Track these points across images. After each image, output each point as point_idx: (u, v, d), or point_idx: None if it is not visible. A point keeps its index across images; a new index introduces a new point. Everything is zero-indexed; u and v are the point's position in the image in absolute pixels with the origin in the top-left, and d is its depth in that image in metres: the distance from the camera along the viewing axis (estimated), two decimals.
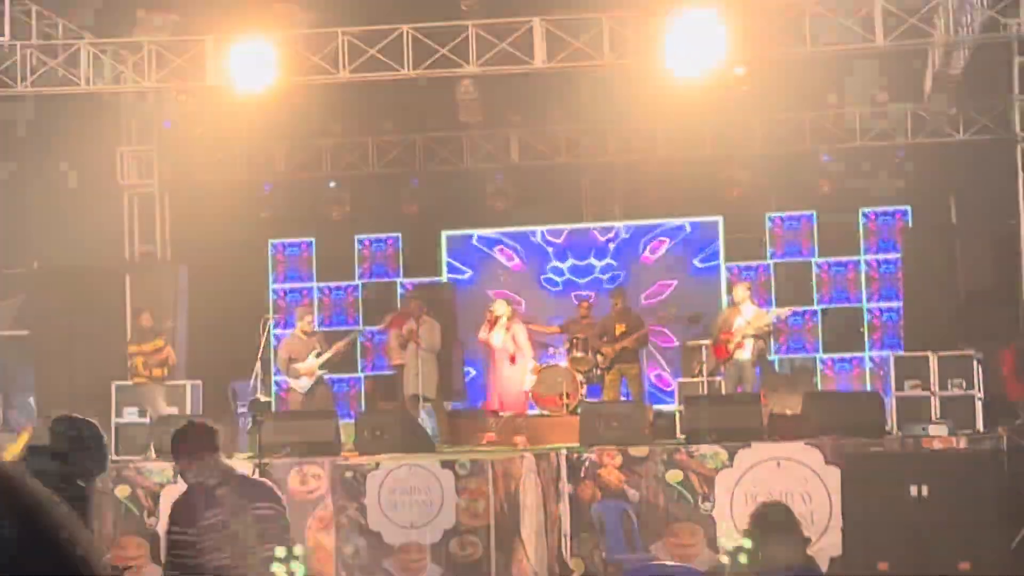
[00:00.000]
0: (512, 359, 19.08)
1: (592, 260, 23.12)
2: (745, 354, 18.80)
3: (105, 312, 20.96)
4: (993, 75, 20.66)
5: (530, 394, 19.14)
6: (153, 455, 17.43)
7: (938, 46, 19.24)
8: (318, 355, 18.98)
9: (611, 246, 23.13)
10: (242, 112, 22.22)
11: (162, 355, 19.33)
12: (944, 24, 18.38)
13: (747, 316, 18.81)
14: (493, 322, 19.10)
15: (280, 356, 19.64)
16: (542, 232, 23.27)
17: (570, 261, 23.22)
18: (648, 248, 23.03)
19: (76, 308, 21.45)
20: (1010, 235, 20.20)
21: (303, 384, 18.96)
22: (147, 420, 18.55)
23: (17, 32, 18.62)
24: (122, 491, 16.45)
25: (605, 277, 22.85)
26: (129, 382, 19.13)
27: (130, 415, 18.82)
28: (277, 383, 20.71)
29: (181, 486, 7.65)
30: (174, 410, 18.62)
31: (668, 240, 23.00)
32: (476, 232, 23.48)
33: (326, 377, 19.43)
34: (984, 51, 19.89)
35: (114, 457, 17.98)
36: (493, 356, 19.26)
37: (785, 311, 19.82)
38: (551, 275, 23.23)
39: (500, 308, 19.38)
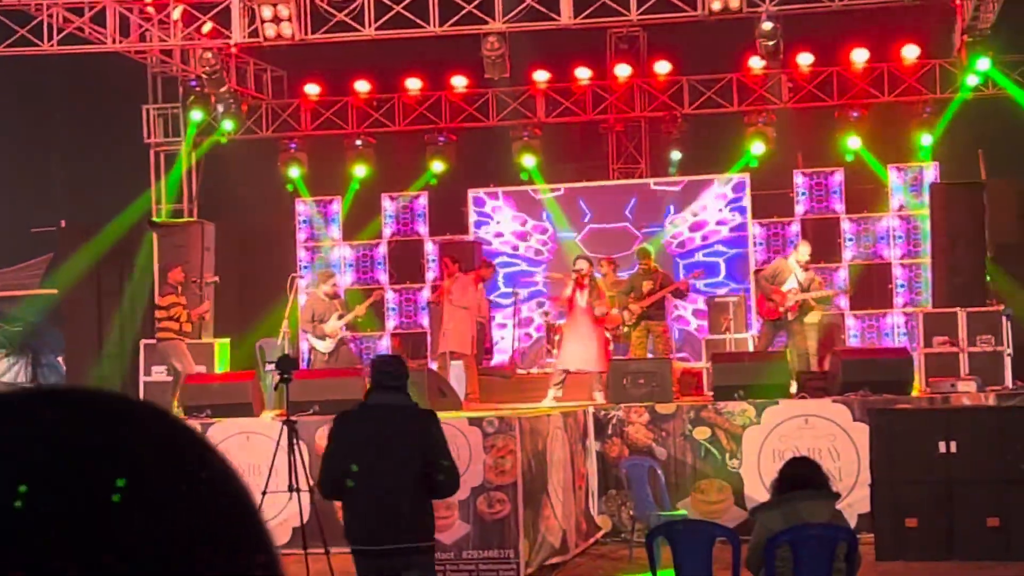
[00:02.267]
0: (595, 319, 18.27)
1: (615, 221, 23.04)
2: (791, 315, 18.43)
3: (132, 271, 21.03)
4: (1023, 29, 20.53)
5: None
6: (179, 410, 17.48)
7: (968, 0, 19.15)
8: (340, 317, 19.01)
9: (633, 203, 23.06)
10: (268, 70, 22.27)
11: (200, 310, 19.41)
12: None
13: (800, 279, 18.43)
14: (580, 282, 18.18)
15: (303, 316, 19.67)
16: (567, 189, 23.18)
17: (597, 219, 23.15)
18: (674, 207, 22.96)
19: (104, 267, 21.51)
20: None
21: (326, 345, 18.99)
22: (170, 378, 18.62)
23: None
24: None
25: (637, 234, 22.74)
26: (155, 341, 19.16)
27: (158, 373, 18.90)
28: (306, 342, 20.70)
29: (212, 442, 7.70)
30: (202, 367, 18.69)
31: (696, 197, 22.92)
32: (502, 189, 23.41)
33: (348, 338, 19.45)
34: (1014, 5, 19.78)
35: None
36: (575, 315, 18.35)
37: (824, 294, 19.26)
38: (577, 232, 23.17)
39: (583, 265, 18.54)
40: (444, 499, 9.37)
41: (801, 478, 8.85)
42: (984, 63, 20.23)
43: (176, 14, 19.39)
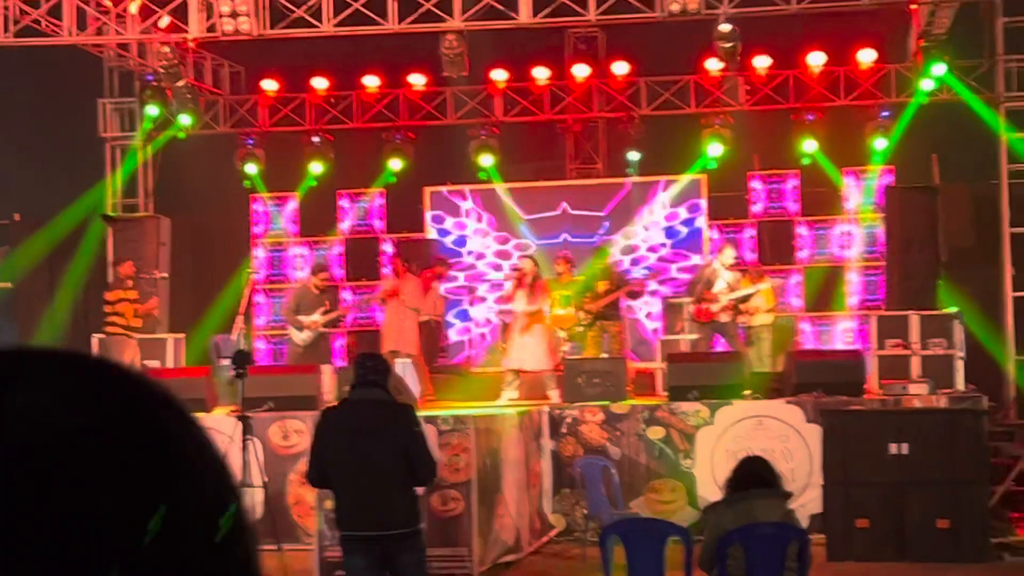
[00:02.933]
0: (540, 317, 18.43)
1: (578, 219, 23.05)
2: (726, 316, 18.78)
3: (87, 265, 20.94)
4: (977, 35, 20.67)
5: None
6: None
7: (923, 4, 19.26)
8: (325, 312, 19.09)
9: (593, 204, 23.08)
10: (225, 65, 22.20)
11: (148, 305, 19.30)
12: None
13: (728, 280, 18.74)
14: (521, 281, 18.36)
15: (288, 304, 19.72)
16: (524, 188, 23.18)
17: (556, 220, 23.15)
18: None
19: (58, 261, 21.41)
20: (991, 195, 20.25)
21: (304, 337, 19.01)
22: None
23: None
24: None
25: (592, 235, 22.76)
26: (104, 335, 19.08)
27: None
28: (289, 334, 20.55)
29: None
30: (156, 363, 18.62)
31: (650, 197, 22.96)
32: (460, 188, 23.39)
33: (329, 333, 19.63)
34: (968, 11, 19.92)
35: None
36: (518, 315, 18.49)
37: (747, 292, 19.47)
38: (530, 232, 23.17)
39: (525, 264, 18.75)
40: (424, 487, 9.87)
41: (754, 478, 8.88)
42: (939, 68, 20.36)
43: (133, 8, 19.30)
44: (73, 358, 1.05)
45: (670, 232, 22.72)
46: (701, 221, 22.57)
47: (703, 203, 22.60)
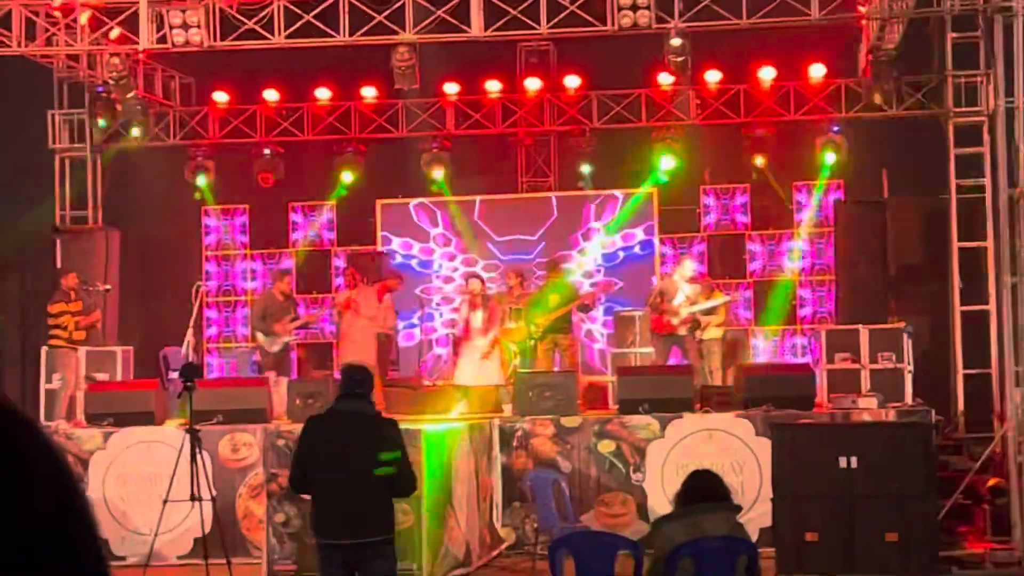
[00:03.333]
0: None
1: (526, 232, 23.05)
2: (684, 329, 18.80)
3: (36, 277, 20.82)
4: (927, 51, 20.79)
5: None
6: (83, 420, 17.32)
7: (873, 19, 19.36)
8: (293, 320, 19.13)
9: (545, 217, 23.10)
10: (176, 77, 22.10)
11: (90, 318, 19.16)
12: None
13: (687, 292, 18.76)
14: (473, 302, 18.47)
15: (254, 313, 19.72)
16: (478, 201, 23.18)
17: (505, 233, 23.16)
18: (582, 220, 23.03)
19: (6, 273, 21.28)
20: (941, 210, 20.35)
21: (276, 348, 19.03)
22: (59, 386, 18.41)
23: None
24: None
25: (539, 249, 22.76)
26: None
27: (59, 380, 18.68)
28: (259, 344, 20.44)
29: (112, 452, 7.90)
30: (104, 375, 18.51)
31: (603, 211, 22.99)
32: (412, 201, 23.38)
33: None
34: (918, 26, 20.02)
35: (43, 423, 17.87)
36: (470, 335, 18.61)
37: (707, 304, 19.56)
38: (488, 247, 23.16)
39: (475, 285, 18.87)
40: (402, 498, 10.12)
41: (703, 491, 8.89)
42: (888, 84, 20.47)
43: (83, 19, 19.19)
44: None
45: (621, 246, 22.75)
46: (652, 235, 22.61)
47: (654, 217, 22.65)
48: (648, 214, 22.73)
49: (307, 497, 10.56)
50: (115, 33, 19.25)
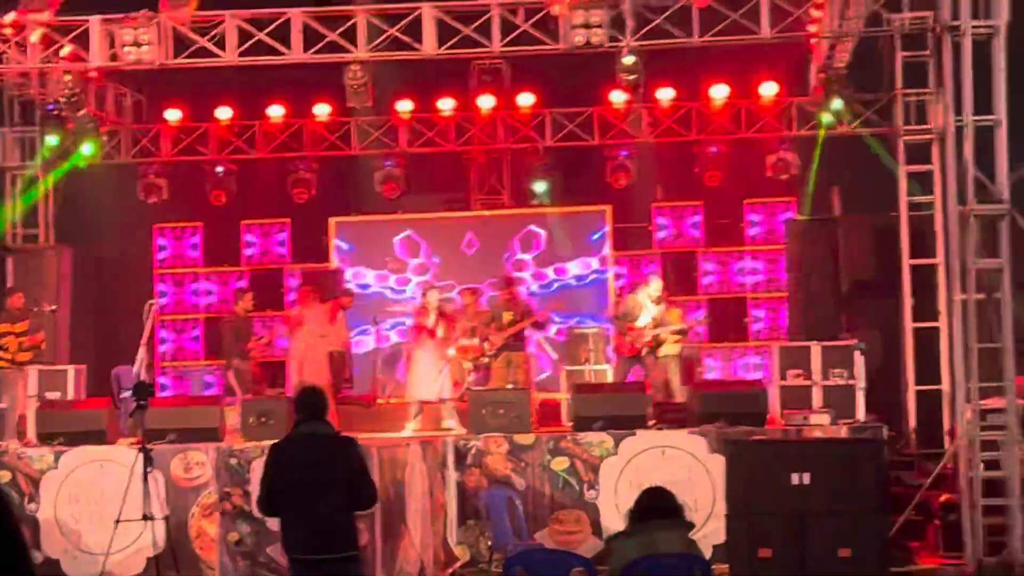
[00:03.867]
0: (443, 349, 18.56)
1: (479, 250, 23.08)
2: (646, 350, 18.78)
3: None
4: (877, 70, 20.92)
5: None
6: (35, 441, 17.21)
7: (823, 39, 19.47)
8: (260, 339, 19.19)
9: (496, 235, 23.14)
10: (128, 94, 22.00)
11: (35, 338, 19.02)
12: (829, 18, 18.61)
13: (653, 313, 18.74)
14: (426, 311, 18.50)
15: (227, 337, 19.82)
16: (432, 220, 23.21)
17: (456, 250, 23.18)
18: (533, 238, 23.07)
19: None
20: (891, 227, 20.47)
21: (248, 366, 19.13)
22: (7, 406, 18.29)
23: None
24: (2, 476, 16.23)
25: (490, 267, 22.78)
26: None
27: (8, 400, 18.54)
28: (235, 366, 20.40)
29: (63, 471, 7.89)
30: (56, 395, 18.38)
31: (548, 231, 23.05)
32: (365, 219, 23.36)
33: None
34: (868, 45, 20.16)
35: None
36: (423, 343, 18.56)
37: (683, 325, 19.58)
38: (439, 264, 23.17)
39: (433, 297, 18.83)
40: (364, 512, 10.50)
41: (656, 508, 8.90)
42: (838, 103, 20.61)
43: (35, 37, 19.10)
44: None
45: (574, 263, 22.80)
46: (606, 251, 22.67)
47: (607, 234, 22.71)
48: (602, 230, 22.77)
49: (271, 519, 10.74)
50: (66, 50, 19.18)
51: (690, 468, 15.91)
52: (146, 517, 12.38)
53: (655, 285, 19.07)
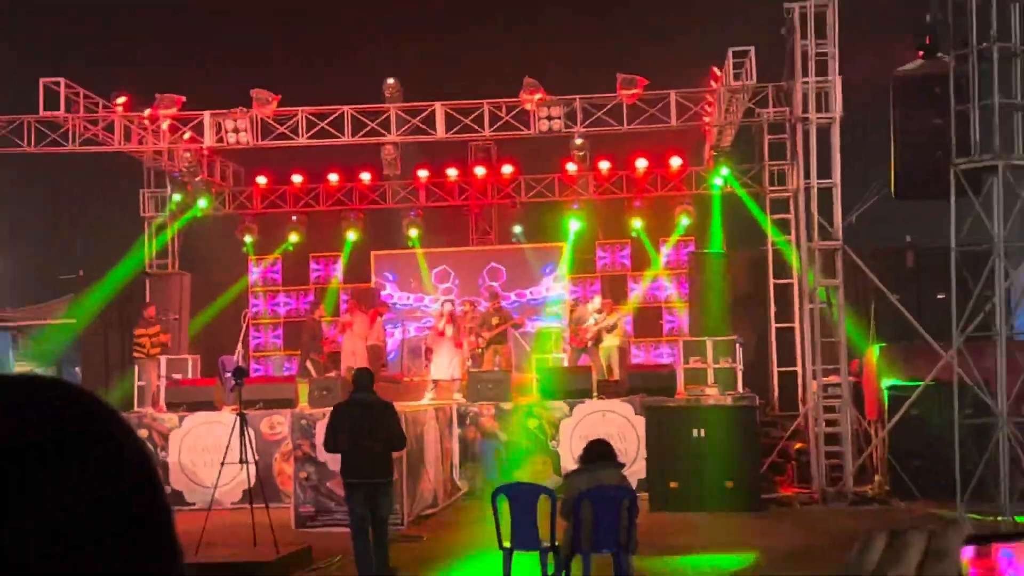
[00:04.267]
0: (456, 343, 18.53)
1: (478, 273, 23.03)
2: (591, 342, 18.78)
3: (131, 308, 20.63)
4: (751, 147, 20.99)
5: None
6: (164, 407, 17.16)
7: (714, 126, 19.54)
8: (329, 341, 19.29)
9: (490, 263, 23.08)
10: (230, 165, 21.96)
11: (162, 338, 19.00)
12: (718, 112, 18.67)
13: (596, 318, 18.76)
14: (448, 318, 18.50)
15: (305, 338, 20.18)
16: (442, 253, 23.14)
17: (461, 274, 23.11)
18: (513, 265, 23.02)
19: (109, 304, 21.09)
20: (761, 258, 20.53)
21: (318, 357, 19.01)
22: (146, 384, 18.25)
23: (69, 109, 18.29)
24: (141, 433, 16.17)
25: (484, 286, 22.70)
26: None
27: (145, 381, 18.51)
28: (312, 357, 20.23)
29: (184, 429, 7.93)
30: (179, 376, 18.35)
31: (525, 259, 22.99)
32: (396, 252, 23.32)
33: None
34: (745, 131, 20.24)
35: (135, 408, 17.71)
36: (441, 340, 18.50)
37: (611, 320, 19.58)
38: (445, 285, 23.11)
39: (447, 307, 18.79)
40: (396, 453, 10.71)
41: (599, 453, 8.91)
42: (724, 170, 20.68)
43: (164, 125, 19.11)
44: (39, 383, 0.97)
45: (540, 286, 22.78)
46: (564, 275, 22.66)
47: (565, 263, 22.69)
48: (552, 265, 22.75)
49: (332, 458, 11.01)
50: (187, 135, 19.18)
51: (622, 426, 15.92)
52: (242, 461, 12.32)
53: (596, 301, 19.10)
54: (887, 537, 0.82)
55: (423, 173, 22.39)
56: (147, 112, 18.94)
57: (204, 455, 15.99)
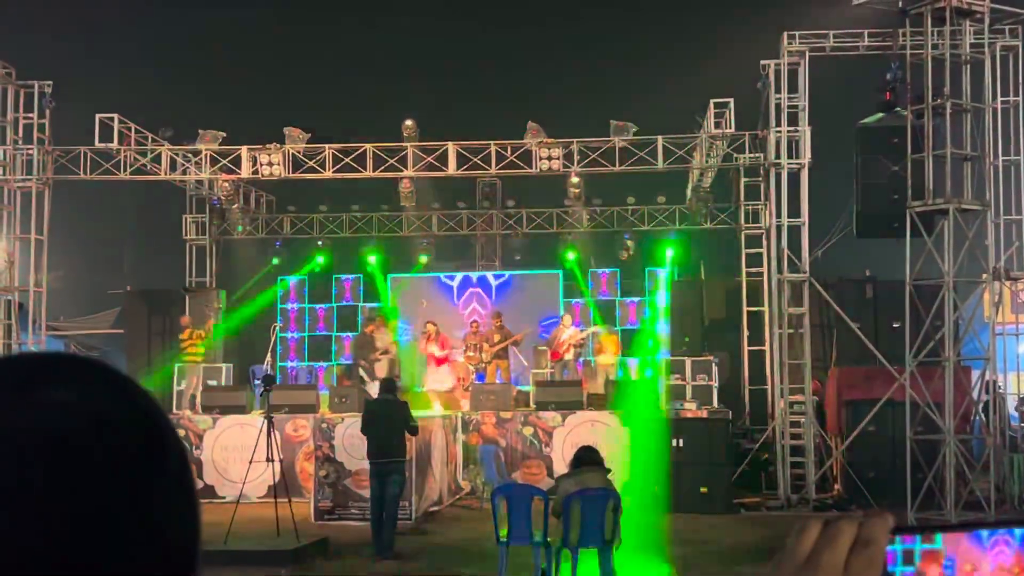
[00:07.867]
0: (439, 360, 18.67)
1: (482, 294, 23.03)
2: (569, 356, 18.82)
3: (172, 320, 20.66)
4: (728, 189, 21.06)
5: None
6: (200, 410, 17.16)
7: (695, 169, 19.61)
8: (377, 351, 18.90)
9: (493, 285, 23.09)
10: (264, 195, 22.01)
11: (198, 348, 18.96)
12: (699, 156, 18.74)
13: (570, 333, 18.85)
14: (429, 336, 18.60)
15: (354, 347, 19.66)
16: (448, 275, 23.16)
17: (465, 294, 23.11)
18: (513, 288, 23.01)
19: (153, 315, 21.13)
20: (736, 287, 20.56)
21: (369, 367, 18.62)
22: (184, 388, 18.24)
23: (121, 141, 18.41)
24: (180, 432, 16.11)
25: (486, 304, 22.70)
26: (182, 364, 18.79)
27: (184, 385, 18.52)
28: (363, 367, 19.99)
29: (218, 430, 8.11)
30: (214, 382, 18.35)
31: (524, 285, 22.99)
32: (409, 275, 23.34)
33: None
34: (723, 174, 20.31)
35: (174, 411, 17.72)
36: (434, 357, 18.66)
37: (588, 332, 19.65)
38: (456, 304, 23.11)
39: (431, 328, 18.96)
40: (412, 436, 11.80)
41: (587, 459, 8.94)
42: (705, 209, 20.73)
43: (205, 157, 19.19)
44: (90, 364, 0.92)
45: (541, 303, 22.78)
46: (560, 297, 22.66)
47: (560, 286, 22.70)
48: (556, 285, 22.77)
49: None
50: (225, 168, 19.25)
51: (609, 434, 15.89)
52: (268, 460, 12.33)
53: (566, 319, 19.13)
54: (821, 525, 0.87)
55: (435, 206, 22.42)
56: (190, 146, 19.04)
57: (234, 454, 15.99)
